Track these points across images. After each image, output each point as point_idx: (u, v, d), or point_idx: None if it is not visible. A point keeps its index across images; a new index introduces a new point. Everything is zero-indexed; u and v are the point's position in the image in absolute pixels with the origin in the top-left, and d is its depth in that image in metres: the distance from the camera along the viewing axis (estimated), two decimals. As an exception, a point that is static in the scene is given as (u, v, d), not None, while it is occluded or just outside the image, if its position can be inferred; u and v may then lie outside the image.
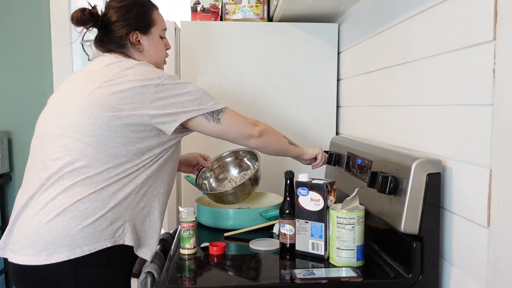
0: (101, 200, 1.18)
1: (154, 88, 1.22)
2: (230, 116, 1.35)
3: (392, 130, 1.43)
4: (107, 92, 1.20)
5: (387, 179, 1.15)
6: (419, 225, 1.09)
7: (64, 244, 1.14)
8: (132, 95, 1.20)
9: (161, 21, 1.40)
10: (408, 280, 1.10)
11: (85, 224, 1.16)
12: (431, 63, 1.17)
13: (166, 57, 1.46)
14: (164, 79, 1.24)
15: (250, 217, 1.54)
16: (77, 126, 1.19)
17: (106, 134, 1.18)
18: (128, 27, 1.32)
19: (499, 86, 0.89)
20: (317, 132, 2.03)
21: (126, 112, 1.19)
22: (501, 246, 0.90)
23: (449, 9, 1.08)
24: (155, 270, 1.20)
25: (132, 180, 1.23)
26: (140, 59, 1.35)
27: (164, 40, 1.42)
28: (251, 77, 2.00)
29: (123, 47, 1.33)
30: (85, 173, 1.18)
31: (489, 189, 0.93)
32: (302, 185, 1.26)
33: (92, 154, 1.18)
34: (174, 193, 2.02)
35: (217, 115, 1.32)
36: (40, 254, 1.13)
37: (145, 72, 1.24)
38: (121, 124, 1.19)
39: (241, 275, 1.17)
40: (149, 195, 1.28)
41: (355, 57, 1.81)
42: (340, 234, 1.18)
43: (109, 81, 1.21)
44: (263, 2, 2.03)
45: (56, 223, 1.15)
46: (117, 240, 1.20)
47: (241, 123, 1.37)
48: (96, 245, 1.16)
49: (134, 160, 1.23)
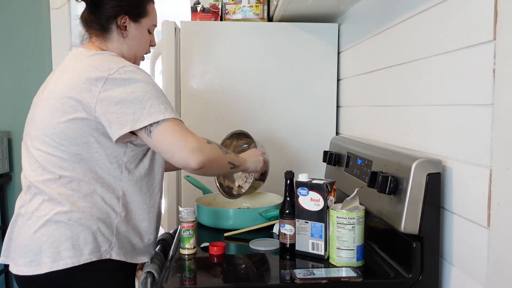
0: (83, 212, 1.15)
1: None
2: (165, 132, 1.12)
3: (392, 130, 1.43)
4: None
5: (387, 179, 1.15)
6: (419, 225, 1.09)
7: (48, 256, 1.12)
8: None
9: (154, 16, 1.36)
10: (408, 280, 1.10)
11: (69, 235, 1.13)
12: (431, 63, 1.17)
13: (147, 53, 1.39)
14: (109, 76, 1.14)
15: (250, 217, 1.53)
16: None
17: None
18: (120, 9, 1.26)
19: (499, 86, 0.89)
20: (317, 132, 2.03)
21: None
22: (501, 246, 0.90)
23: (449, 9, 1.08)
24: (155, 270, 1.20)
25: (113, 191, 1.19)
26: (118, 47, 1.28)
27: (151, 35, 1.37)
28: (251, 77, 2.00)
29: (106, 30, 1.27)
30: (65, 184, 1.16)
31: (489, 189, 0.93)
32: (302, 185, 1.26)
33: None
34: (174, 193, 2.02)
35: (151, 126, 1.12)
36: (31, 264, 1.13)
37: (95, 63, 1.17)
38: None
39: (241, 275, 1.17)
40: (134, 206, 1.23)
41: (355, 57, 1.81)
42: (340, 234, 1.18)
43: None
44: (263, 2, 2.03)
45: (41, 234, 1.14)
46: (103, 254, 1.16)
47: (177, 145, 1.13)
48: (80, 259, 1.13)
49: (112, 170, 1.18)
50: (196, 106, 1.98)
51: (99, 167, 1.17)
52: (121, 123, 1.12)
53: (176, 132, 1.13)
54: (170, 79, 1.99)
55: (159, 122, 1.12)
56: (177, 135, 1.13)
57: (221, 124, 1.98)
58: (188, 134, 1.15)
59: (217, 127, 1.96)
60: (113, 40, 1.28)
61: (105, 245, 1.17)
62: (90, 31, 1.29)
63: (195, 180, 1.77)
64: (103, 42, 1.28)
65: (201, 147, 1.14)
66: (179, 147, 1.12)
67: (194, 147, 1.13)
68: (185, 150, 1.12)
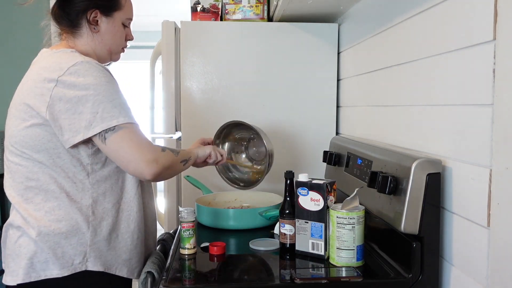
0: (55, 222, 1.12)
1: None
2: (121, 141, 1.08)
3: (392, 130, 1.43)
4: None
5: (387, 179, 1.15)
6: (419, 225, 1.09)
7: (22, 267, 1.12)
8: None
9: (128, 9, 1.28)
10: (408, 280, 1.10)
11: (42, 248, 1.11)
12: (431, 63, 1.17)
13: (124, 47, 1.32)
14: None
15: (250, 217, 1.54)
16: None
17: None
18: (89, 3, 1.20)
19: (499, 86, 0.89)
20: (317, 132, 2.03)
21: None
22: (501, 246, 0.90)
23: (449, 9, 1.08)
24: (155, 270, 1.20)
25: (81, 200, 1.14)
26: (87, 43, 1.23)
27: (126, 29, 1.30)
28: (251, 77, 2.00)
29: (75, 26, 1.21)
30: (32, 198, 1.13)
31: (489, 189, 0.93)
32: (302, 185, 1.26)
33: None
34: (174, 193, 2.02)
35: (105, 132, 1.08)
36: (12, 274, 1.13)
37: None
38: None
39: (241, 275, 1.17)
40: (108, 212, 1.17)
41: (355, 57, 1.81)
42: (340, 234, 1.18)
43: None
44: (263, 2, 2.03)
45: (19, 244, 1.13)
46: (77, 267, 1.12)
47: (132, 157, 1.09)
48: (52, 272, 1.11)
49: (78, 174, 1.14)
50: (196, 106, 1.98)
51: (64, 173, 1.13)
52: (74, 131, 1.08)
53: (132, 142, 1.09)
54: (170, 79, 1.99)
55: (115, 129, 1.08)
56: (133, 146, 1.09)
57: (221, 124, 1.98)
58: (144, 144, 1.11)
59: (217, 127, 1.96)
60: (82, 36, 1.22)
61: (79, 257, 1.13)
62: (61, 27, 1.24)
63: (195, 180, 1.77)
64: (72, 39, 1.23)
65: (156, 157, 1.12)
66: (134, 159, 1.09)
67: (149, 159, 1.10)
68: (142, 163, 1.09)
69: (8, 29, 2.68)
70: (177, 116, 2.03)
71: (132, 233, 1.22)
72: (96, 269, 1.14)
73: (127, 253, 1.21)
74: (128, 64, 5.94)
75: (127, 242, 1.21)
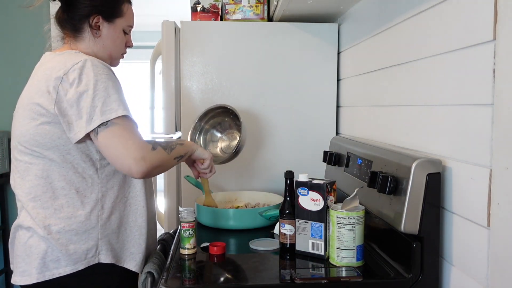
0: (64, 219, 1.15)
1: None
2: (112, 137, 1.11)
3: (392, 130, 1.43)
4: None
5: (387, 179, 1.15)
6: (419, 225, 1.09)
7: (34, 267, 1.13)
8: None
9: (130, 16, 1.33)
10: (408, 280, 1.10)
11: (54, 246, 1.13)
12: (431, 63, 1.17)
13: (124, 53, 1.37)
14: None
15: (250, 217, 1.54)
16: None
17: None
18: (93, 8, 1.23)
19: (499, 86, 0.89)
20: (317, 132, 2.03)
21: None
22: (501, 246, 0.90)
23: (449, 9, 1.08)
24: (155, 270, 1.20)
25: (90, 195, 1.18)
26: (89, 47, 1.26)
27: (127, 36, 1.34)
28: (251, 77, 2.00)
29: (78, 31, 1.25)
30: (40, 195, 1.15)
31: (489, 189, 0.93)
32: (302, 185, 1.26)
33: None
34: (174, 193, 2.02)
35: (98, 127, 1.10)
36: (23, 274, 1.15)
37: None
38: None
39: (241, 275, 1.17)
40: (116, 206, 1.22)
41: (355, 57, 1.81)
42: (340, 234, 1.18)
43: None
44: (263, 2, 2.03)
45: (30, 245, 1.15)
46: (91, 261, 1.16)
47: (120, 154, 1.11)
48: (66, 269, 1.14)
49: (87, 169, 1.18)
50: (196, 106, 1.98)
51: (74, 169, 1.16)
52: (78, 126, 1.11)
53: (122, 138, 1.10)
54: (170, 79, 1.99)
55: (107, 124, 1.10)
56: (122, 142, 1.10)
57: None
58: (133, 141, 1.11)
59: (217, 127, 1.96)
60: (84, 40, 1.26)
61: (92, 251, 1.16)
62: (64, 31, 1.28)
63: (195, 180, 1.77)
64: (74, 42, 1.27)
65: (144, 155, 1.11)
66: (122, 156, 1.10)
67: (137, 157, 1.10)
68: (129, 160, 1.10)
69: (8, 32, 2.68)
70: (177, 116, 2.03)
71: (140, 227, 1.27)
72: (108, 261, 1.18)
73: (135, 246, 1.26)
74: (128, 64, 5.94)
75: (135, 236, 1.26)
